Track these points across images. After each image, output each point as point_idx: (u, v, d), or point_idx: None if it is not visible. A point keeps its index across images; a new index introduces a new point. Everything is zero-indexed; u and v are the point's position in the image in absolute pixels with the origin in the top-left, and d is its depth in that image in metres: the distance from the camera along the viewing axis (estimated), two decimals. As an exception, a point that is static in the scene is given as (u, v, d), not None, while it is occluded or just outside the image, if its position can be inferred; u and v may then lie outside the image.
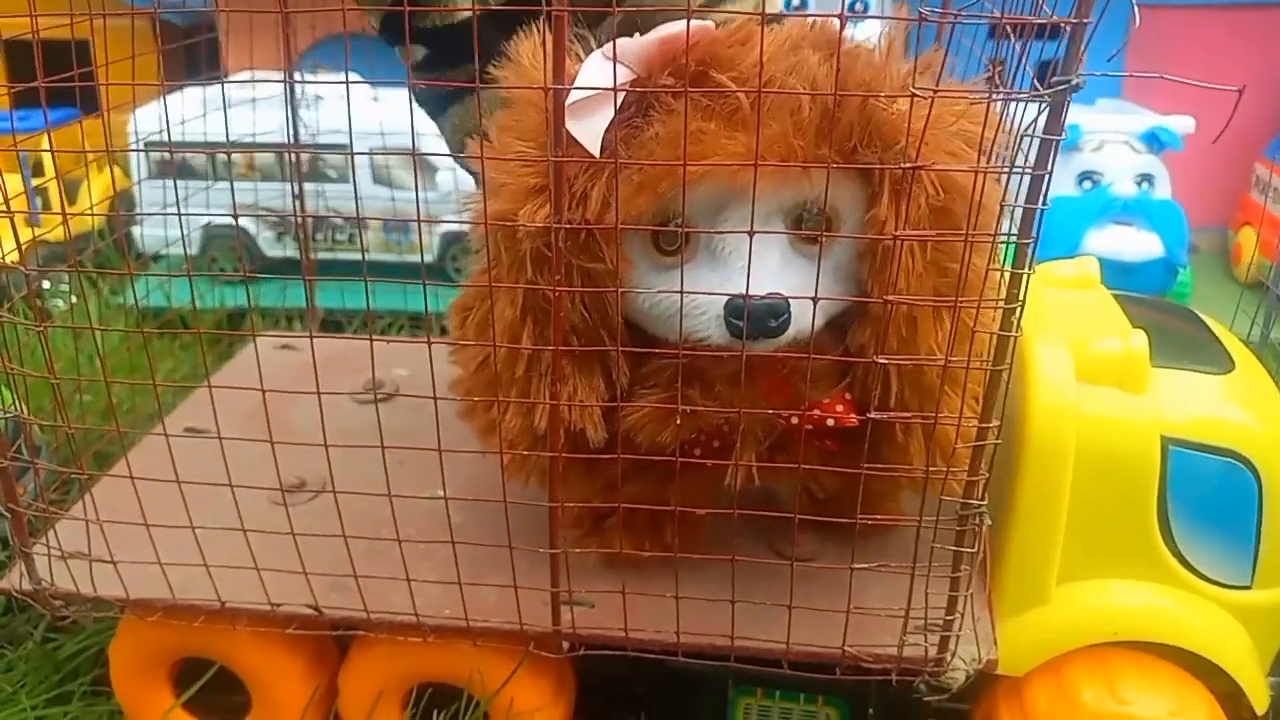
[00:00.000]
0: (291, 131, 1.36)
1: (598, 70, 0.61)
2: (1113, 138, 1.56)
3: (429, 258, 1.75)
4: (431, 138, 1.68)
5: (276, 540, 0.73)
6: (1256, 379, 0.80)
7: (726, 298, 0.62)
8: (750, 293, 0.61)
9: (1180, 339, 0.83)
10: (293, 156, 1.41)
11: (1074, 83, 0.52)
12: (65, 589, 0.79)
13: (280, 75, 1.26)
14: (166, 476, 0.71)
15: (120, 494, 0.75)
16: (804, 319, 0.63)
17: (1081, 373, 0.76)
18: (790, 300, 0.62)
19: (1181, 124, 1.57)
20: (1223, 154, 1.86)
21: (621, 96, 0.62)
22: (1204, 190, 1.82)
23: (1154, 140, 1.55)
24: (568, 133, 0.60)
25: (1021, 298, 0.57)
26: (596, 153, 0.61)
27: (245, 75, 1.76)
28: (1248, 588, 0.76)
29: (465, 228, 0.73)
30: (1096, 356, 0.76)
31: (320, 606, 0.77)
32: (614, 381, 0.69)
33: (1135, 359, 0.75)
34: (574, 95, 0.60)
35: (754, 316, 0.61)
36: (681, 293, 0.62)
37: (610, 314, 0.67)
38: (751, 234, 0.59)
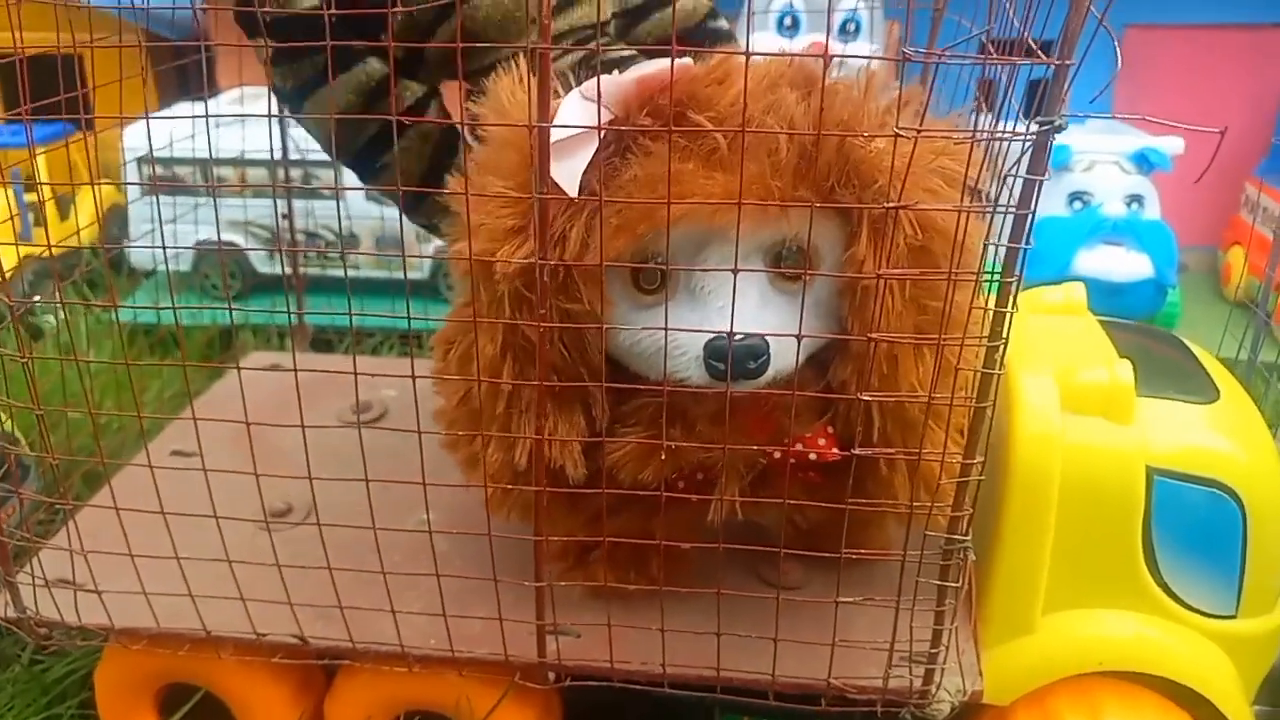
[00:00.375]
0: (281, 150, 1.36)
1: (576, 110, 0.61)
2: (1103, 158, 1.57)
3: (421, 275, 1.75)
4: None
5: (262, 567, 0.73)
6: (1241, 408, 0.80)
7: (706, 339, 0.62)
8: (730, 332, 0.61)
9: (1166, 368, 0.83)
10: (281, 177, 1.42)
11: (1057, 124, 0.52)
12: (50, 617, 0.79)
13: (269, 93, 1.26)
14: (152, 502, 0.71)
15: (105, 520, 0.75)
16: (784, 358, 0.63)
17: (1067, 403, 0.76)
18: (769, 340, 0.62)
19: (1171, 145, 1.57)
20: (1213, 173, 1.86)
21: (600, 136, 0.62)
22: (1194, 209, 1.82)
23: (1143, 161, 1.56)
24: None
25: (1005, 335, 0.57)
26: (574, 193, 0.61)
27: (235, 93, 1.76)
28: (1232, 617, 0.77)
29: (455, 237, 0.73)
30: (1082, 386, 0.76)
31: (305, 636, 0.77)
32: (595, 418, 0.69)
33: (1121, 389, 0.75)
34: (552, 135, 0.60)
35: (734, 358, 0.61)
36: (665, 328, 0.62)
37: (590, 353, 0.67)
38: (736, 272, 0.59)
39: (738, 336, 0.62)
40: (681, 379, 0.65)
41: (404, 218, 0.87)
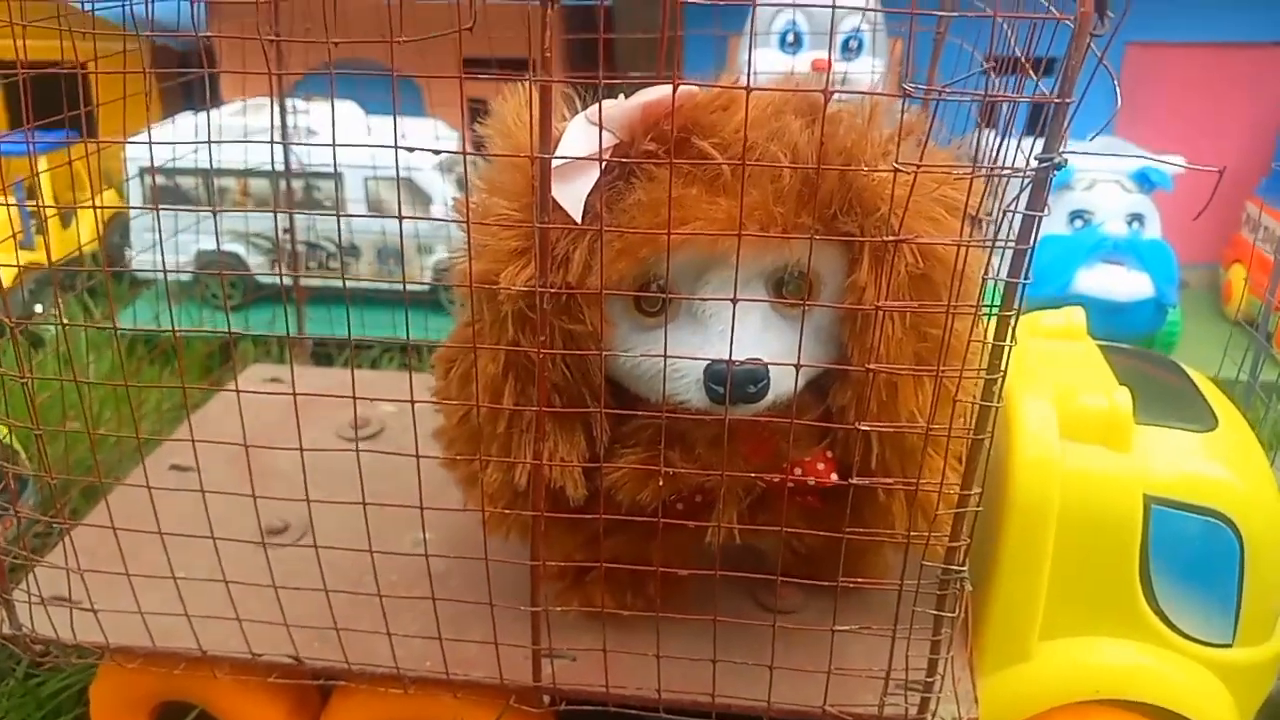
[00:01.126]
0: (283, 160, 1.36)
1: (581, 134, 0.62)
2: (1104, 176, 1.57)
3: (421, 287, 1.75)
4: (427, 170, 1.69)
5: (259, 585, 0.73)
6: (1239, 436, 0.80)
7: (706, 362, 0.63)
8: (730, 358, 0.61)
9: (1164, 394, 0.83)
10: (284, 189, 1.42)
11: (1057, 161, 0.52)
12: (45, 635, 0.78)
13: (274, 104, 1.27)
14: (149, 519, 0.71)
15: (102, 536, 0.74)
16: (784, 384, 0.63)
17: (1066, 430, 0.76)
18: (769, 365, 0.62)
19: (1171, 163, 1.57)
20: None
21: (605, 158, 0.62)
22: (1195, 226, 1.82)
23: (1144, 180, 1.56)
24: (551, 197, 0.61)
25: (1003, 368, 0.57)
26: (579, 218, 0.61)
27: (238, 104, 1.77)
28: (1229, 646, 0.77)
29: (458, 256, 0.73)
30: (1081, 413, 0.76)
31: (301, 656, 0.76)
32: (595, 438, 0.69)
33: (1119, 417, 0.75)
34: (558, 159, 0.60)
35: (733, 382, 0.61)
36: (665, 355, 0.62)
37: (592, 373, 0.68)
38: (735, 301, 0.59)
39: (738, 360, 0.62)
40: (681, 401, 0.65)
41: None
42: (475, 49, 0.57)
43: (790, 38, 1.61)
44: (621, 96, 0.65)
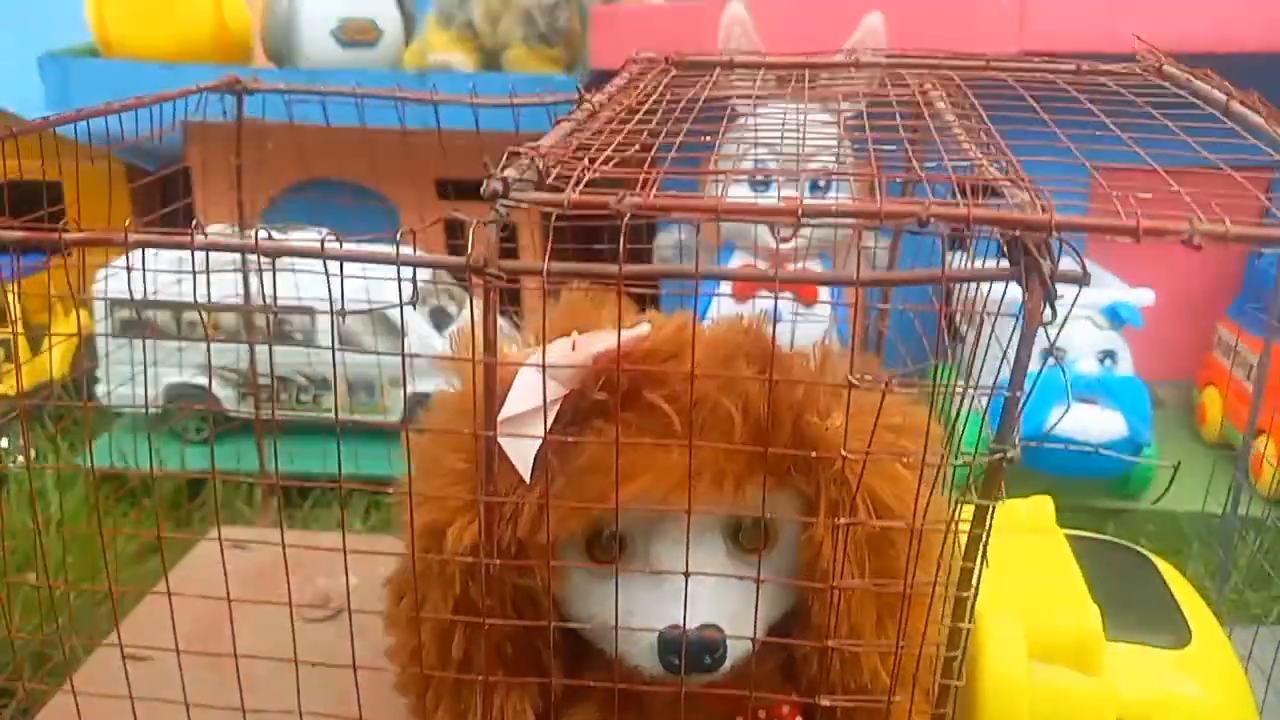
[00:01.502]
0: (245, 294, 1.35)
1: (530, 386, 0.60)
2: (1075, 313, 1.56)
3: (393, 417, 1.73)
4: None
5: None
6: (1214, 649, 0.78)
7: (661, 626, 0.61)
8: (686, 624, 0.60)
9: (1136, 603, 0.81)
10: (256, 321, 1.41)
11: (1009, 454, 0.51)
12: None
13: (237, 232, 1.26)
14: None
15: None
16: (742, 644, 0.62)
17: (1035, 650, 0.74)
18: (726, 627, 0.61)
19: (1141, 297, 1.58)
20: (1186, 308, 1.88)
21: (555, 409, 0.61)
22: (1169, 343, 1.82)
23: (1115, 316, 1.56)
24: (500, 448, 0.60)
25: (961, 650, 0.56)
26: (527, 476, 0.60)
27: (214, 229, 1.76)
28: None
29: (431, 386, 0.72)
30: (1050, 634, 0.74)
31: None
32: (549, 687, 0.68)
33: (1090, 639, 0.74)
34: (506, 410, 0.59)
35: (688, 652, 0.60)
36: (616, 628, 0.61)
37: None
38: (688, 575, 0.57)
39: (693, 626, 0.60)
40: (634, 666, 0.63)
41: None
42: (451, 171, 0.56)
43: (760, 176, 1.61)
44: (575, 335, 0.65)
